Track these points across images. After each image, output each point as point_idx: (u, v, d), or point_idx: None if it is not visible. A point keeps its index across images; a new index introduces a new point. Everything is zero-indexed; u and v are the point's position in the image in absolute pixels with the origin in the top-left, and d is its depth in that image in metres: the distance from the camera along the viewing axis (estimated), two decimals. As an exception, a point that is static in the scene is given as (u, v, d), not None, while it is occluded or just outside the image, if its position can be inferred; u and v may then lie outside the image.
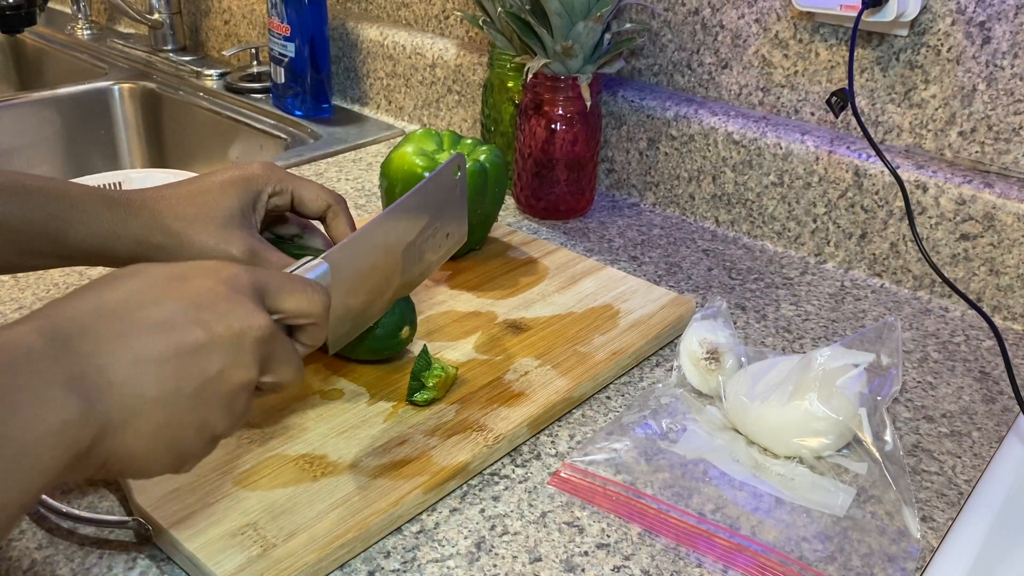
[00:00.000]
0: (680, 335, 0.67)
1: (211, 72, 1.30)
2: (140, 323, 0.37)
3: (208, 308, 0.39)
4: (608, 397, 0.64)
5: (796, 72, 0.86)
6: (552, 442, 0.59)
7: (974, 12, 0.75)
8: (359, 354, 0.62)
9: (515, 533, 0.52)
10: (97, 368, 0.35)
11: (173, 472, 0.40)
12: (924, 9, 0.77)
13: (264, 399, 0.45)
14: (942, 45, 0.77)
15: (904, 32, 0.79)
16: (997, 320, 0.77)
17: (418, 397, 0.59)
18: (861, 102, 0.83)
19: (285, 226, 0.63)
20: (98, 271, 0.76)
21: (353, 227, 0.62)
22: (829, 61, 0.84)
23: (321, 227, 0.63)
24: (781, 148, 0.85)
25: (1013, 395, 0.63)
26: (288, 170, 0.65)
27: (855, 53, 0.81)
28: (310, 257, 0.49)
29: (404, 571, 0.49)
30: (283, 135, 1.15)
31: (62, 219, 0.53)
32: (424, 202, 0.59)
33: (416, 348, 0.65)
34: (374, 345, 0.61)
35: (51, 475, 0.33)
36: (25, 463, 0.32)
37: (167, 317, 0.38)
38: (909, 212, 0.75)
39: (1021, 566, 0.52)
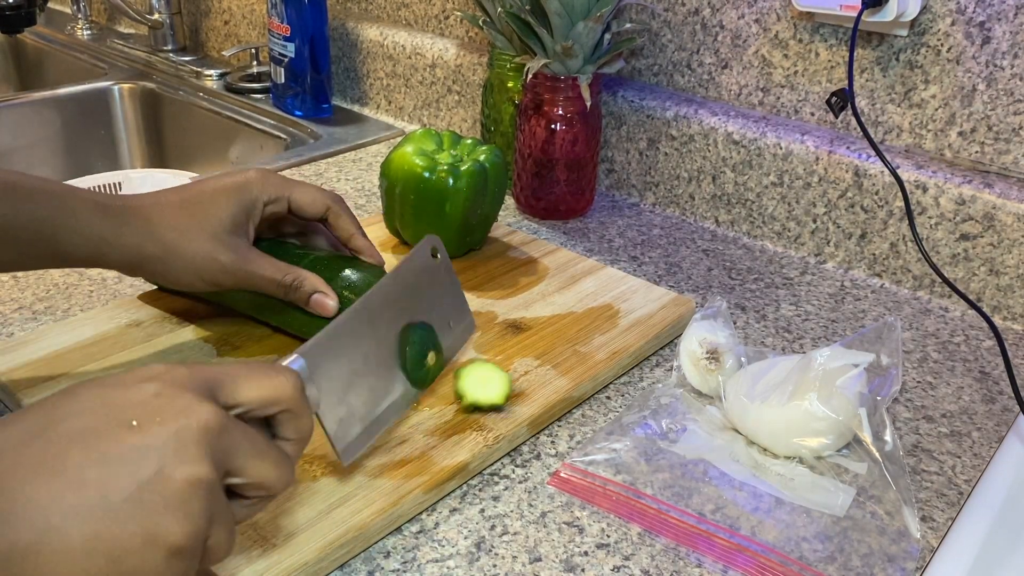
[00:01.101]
0: (680, 335, 0.67)
1: (211, 72, 1.30)
2: (57, 437, 0.33)
3: (139, 407, 0.35)
4: (608, 397, 0.64)
5: (796, 72, 0.86)
6: (552, 442, 0.59)
7: (974, 12, 0.75)
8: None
9: (515, 533, 0.52)
10: (7, 489, 0.32)
11: None
12: (924, 9, 0.77)
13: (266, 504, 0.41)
14: (942, 45, 0.77)
15: (904, 32, 0.79)
16: (997, 320, 0.77)
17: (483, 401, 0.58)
18: (861, 102, 0.83)
19: (287, 224, 0.64)
20: (97, 272, 0.76)
21: (357, 225, 0.62)
22: (829, 61, 0.84)
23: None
24: (781, 148, 0.85)
25: (1013, 395, 0.63)
26: (285, 173, 0.64)
27: (855, 53, 0.81)
28: (285, 357, 0.45)
29: (404, 571, 0.49)
30: (283, 135, 1.15)
31: (55, 224, 0.52)
32: (402, 284, 0.55)
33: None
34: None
35: None
36: None
37: (90, 425, 0.34)
38: (909, 212, 0.75)
39: (1021, 566, 0.52)
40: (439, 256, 0.59)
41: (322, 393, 0.46)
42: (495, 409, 0.59)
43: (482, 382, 0.58)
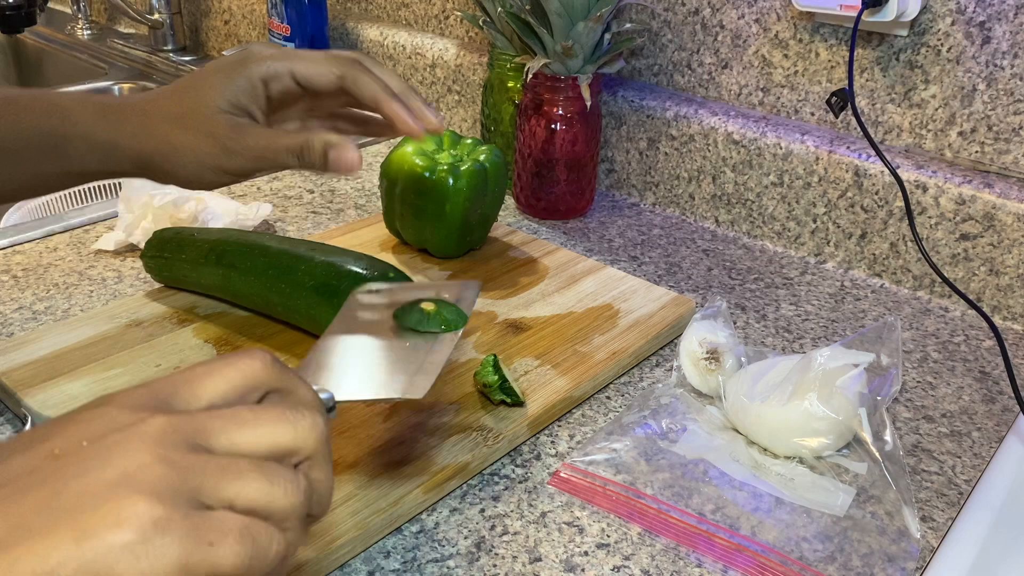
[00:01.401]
0: (680, 335, 0.67)
1: (211, 72, 1.30)
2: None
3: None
4: (608, 397, 0.64)
5: (796, 72, 0.86)
6: (552, 442, 0.59)
7: (974, 12, 0.75)
8: None
9: (515, 533, 0.52)
10: None
11: None
12: (924, 9, 0.77)
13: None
14: (942, 45, 0.77)
15: (904, 32, 0.79)
16: (997, 320, 0.77)
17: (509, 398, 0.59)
18: (861, 102, 0.83)
19: (299, 106, 0.57)
20: (98, 272, 0.76)
21: (383, 85, 0.53)
22: (829, 61, 0.84)
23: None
24: (781, 148, 0.85)
25: (1013, 395, 0.63)
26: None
27: (855, 53, 0.81)
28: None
29: (404, 571, 0.49)
30: (283, 135, 1.15)
31: (60, 134, 0.50)
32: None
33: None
34: None
35: None
36: None
37: (56, 566, 0.27)
38: (909, 212, 0.75)
39: (1021, 566, 0.52)
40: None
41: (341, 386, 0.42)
42: (517, 404, 0.59)
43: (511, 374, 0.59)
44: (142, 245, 0.73)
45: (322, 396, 0.39)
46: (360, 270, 0.62)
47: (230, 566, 0.29)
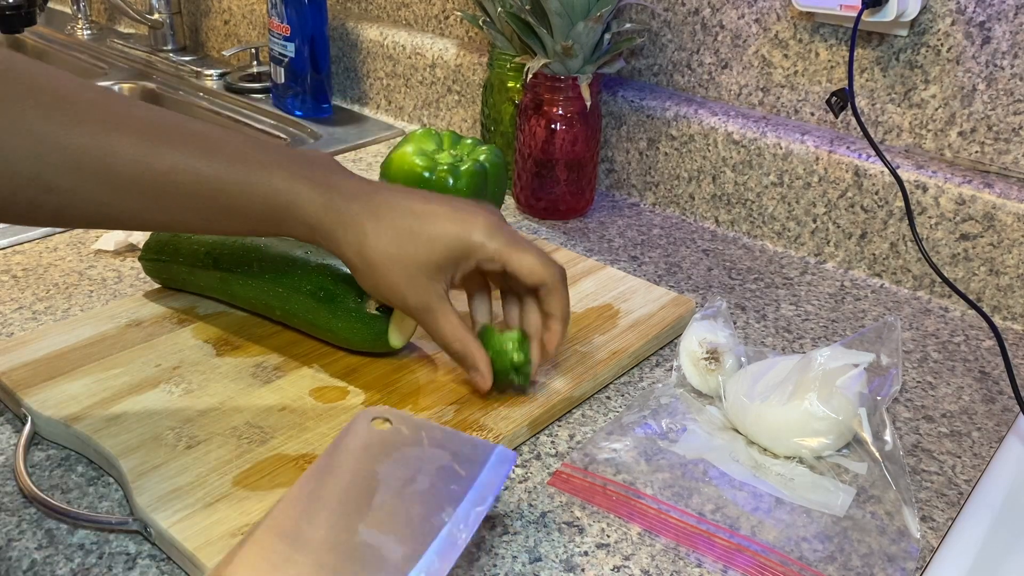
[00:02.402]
0: (680, 335, 0.67)
1: (211, 72, 1.30)
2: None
3: None
4: (608, 397, 0.64)
5: (796, 72, 0.86)
6: (552, 442, 0.59)
7: (974, 12, 0.75)
8: (358, 346, 0.62)
9: (515, 533, 0.52)
10: None
11: None
12: (924, 9, 0.77)
13: None
14: (942, 45, 0.77)
15: (904, 32, 0.79)
16: (997, 320, 0.77)
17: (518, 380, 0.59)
18: (861, 102, 0.83)
19: (495, 280, 0.61)
20: (98, 272, 0.76)
21: (564, 307, 0.58)
22: (829, 61, 0.84)
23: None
24: (781, 148, 0.85)
25: (1013, 395, 0.63)
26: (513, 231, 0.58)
27: (855, 53, 0.81)
28: None
29: (404, 571, 0.49)
30: (283, 135, 1.15)
31: (283, 205, 0.53)
32: (332, 479, 0.44)
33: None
34: (371, 341, 0.61)
35: None
36: None
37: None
38: (909, 212, 0.75)
39: (1021, 566, 0.52)
40: (390, 422, 0.48)
41: None
42: (522, 387, 0.59)
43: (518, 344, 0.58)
44: (141, 245, 0.73)
45: None
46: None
47: None
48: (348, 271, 0.62)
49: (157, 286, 0.71)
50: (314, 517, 0.41)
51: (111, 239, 0.78)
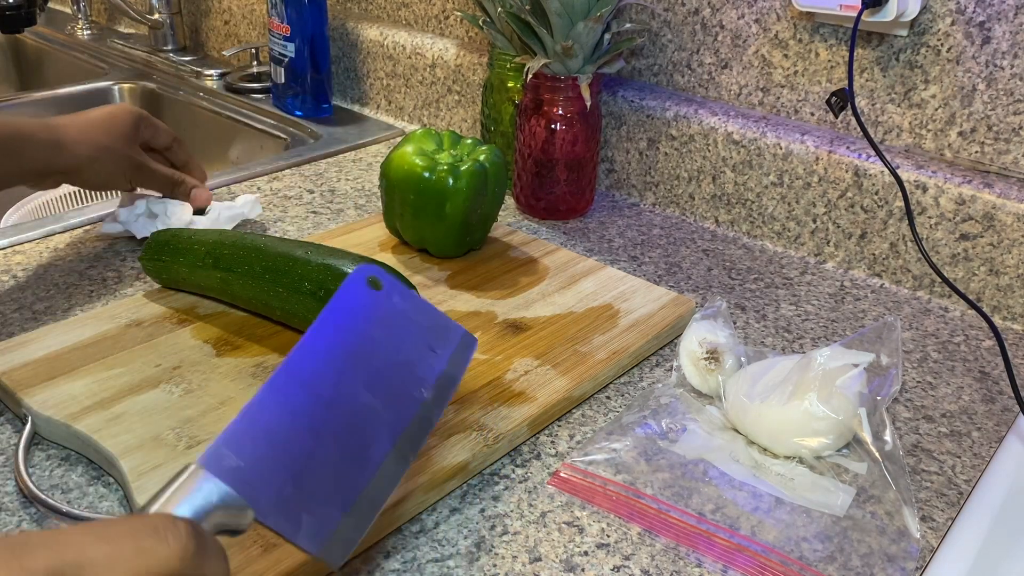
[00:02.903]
0: (680, 335, 0.67)
1: (211, 72, 1.30)
2: None
3: None
4: (608, 397, 0.64)
5: (796, 72, 0.86)
6: (552, 442, 0.59)
7: (974, 12, 0.75)
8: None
9: (515, 533, 0.52)
10: None
11: None
12: (924, 9, 0.77)
13: None
14: (942, 45, 0.77)
15: (904, 32, 0.79)
16: (997, 320, 0.77)
17: None
18: (861, 102, 0.83)
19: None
20: (98, 272, 0.76)
21: (187, 154, 0.85)
22: (829, 61, 0.84)
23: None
24: (781, 148, 0.85)
25: (1013, 395, 0.63)
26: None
27: (855, 53, 0.81)
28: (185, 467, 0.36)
29: (404, 571, 0.49)
30: (283, 135, 1.15)
31: (16, 138, 0.71)
32: (340, 337, 0.45)
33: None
34: None
35: None
36: None
37: None
38: (909, 212, 0.75)
39: (1021, 566, 0.52)
40: (383, 284, 0.48)
41: (259, 492, 0.37)
42: None
43: None
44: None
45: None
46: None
47: None
48: (349, 269, 0.62)
49: (157, 286, 0.71)
50: (325, 371, 0.43)
51: (115, 225, 0.80)
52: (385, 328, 0.47)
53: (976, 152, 0.78)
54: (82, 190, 1.08)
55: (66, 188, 1.06)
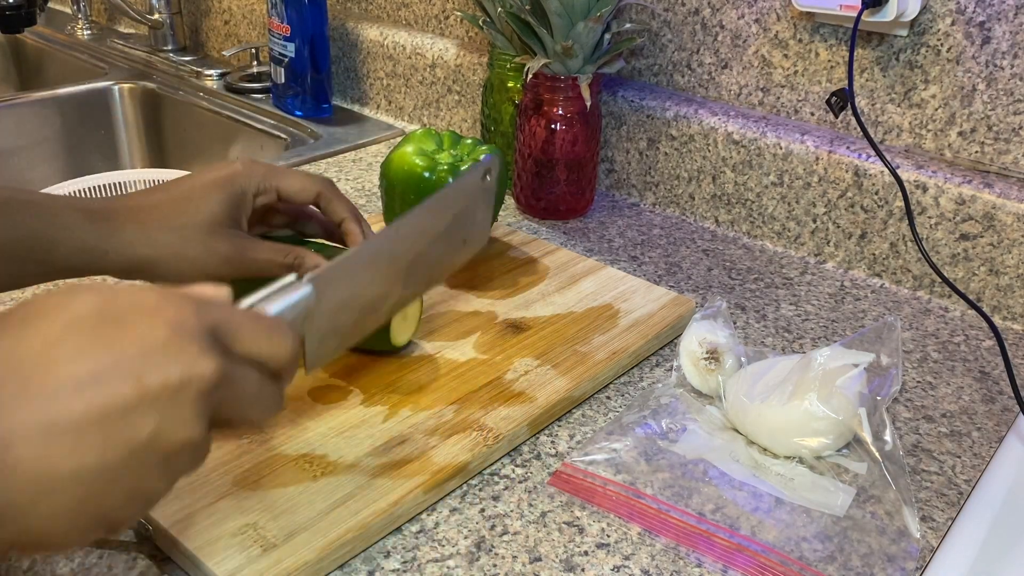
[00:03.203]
0: (680, 335, 0.67)
1: (211, 72, 1.30)
2: (56, 381, 0.31)
3: (143, 357, 0.32)
4: (608, 397, 0.64)
5: (796, 72, 0.86)
6: (552, 442, 0.59)
7: (974, 12, 0.75)
8: (358, 344, 0.62)
9: (515, 533, 0.52)
10: None
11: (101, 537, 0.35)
12: (924, 9, 0.77)
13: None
14: (942, 45, 0.77)
15: (904, 32, 0.79)
16: (997, 320, 0.77)
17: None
18: (861, 102, 0.83)
19: (277, 216, 0.63)
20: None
21: (350, 208, 0.61)
22: (829, 61, 0.84)
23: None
24: (781, 148, 0.85)
25: (1013, 395, 0.63)
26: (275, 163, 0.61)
27: (855, 53, 0.81)
28: (291, 280, 0.42)
29: (404, 571, 0.49)
30: (283, 135, 1.15)
31: (46, 237, 0.52)
32: (442, 212, 0.53)
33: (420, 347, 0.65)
34: (374, 340, 0.61)
35: None
36: None
37: (91, 371, 0.31)
38: (909, 212, 0.75)
39: (1021, 566, 0.52)
40: (488, 178, 0.56)
41: (315, 317, 0.43)
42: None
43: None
44: None
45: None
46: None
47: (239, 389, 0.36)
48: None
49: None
50: (399, 245, 0.50)
51: None
52: (462, 213, 0.55)
53: (976, 152, 0.78)
54: (81, 190, 1.07)
55: (70, 187, 1.06)
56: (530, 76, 0.83)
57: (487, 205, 0.58)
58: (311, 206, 0.62)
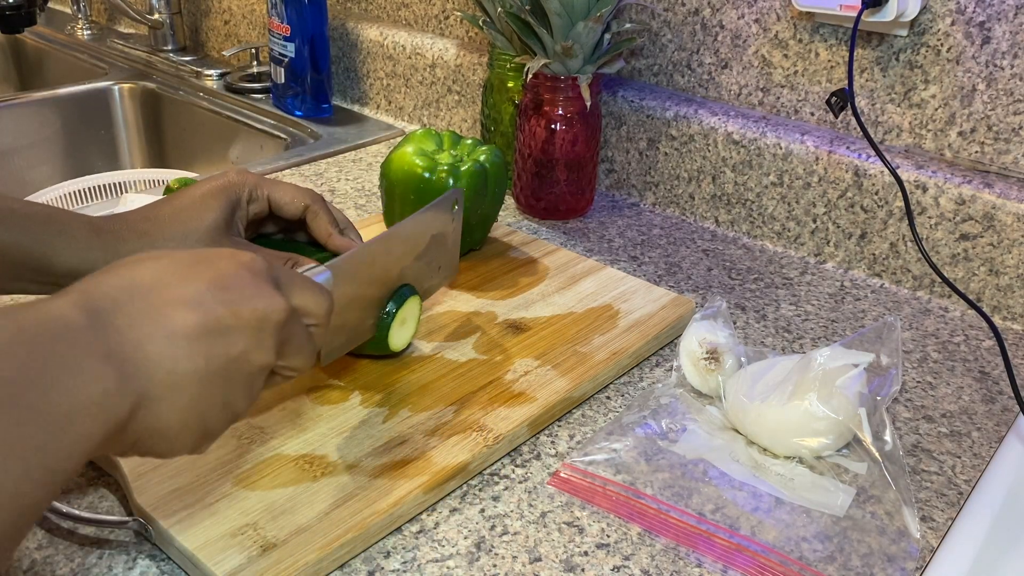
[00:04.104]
0: (680, 335, 0.67)
1: (211, 72, 1.30)
2: (171, 300, 0.38)
3: (233, 290, 0.40)
4: (608, 397, 0.64)
5: (796, 72, 0.86)
6: (552, 442, 0.59)
7: (974, 12, 0.75)
8: (360, 349, 0.62)
9: (515, 533, 0.52)
10: (133, 342, 0.36)
11: (192, 452, 0.41)
12: (924, 9, 0.77)
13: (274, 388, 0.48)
14: (942, 45, 0.77)
15: (904, 32, 0.79)
16: (997, 320, 0.77)
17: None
18: (861, 102, 0.83)
19: (270, 224, 0.64)
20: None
21: (334, 224, 0.62)
22: (829, 61, 0.84)
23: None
24: (781, 148, 0.85)
25: (1013, 395, 0.63)
26: (286, 172, 0.64)
27: (855, 53, 0.81)
28: (313, 264, 0.49)
29: (404, 571, 0.49)
30: (283, 135, 1.15)
31: (49, 246, 0.53)
32: (422, 229, 0.61)
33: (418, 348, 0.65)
34: (374, 344, 0.61)
35: (93, 444, 0.34)
36: (70, 431, 0.33)
37: (195, 296, 0.39)
38: (909, 212, 0.75)
39: (1021, 566, 0.52)
40: (456, 208, 0.64)
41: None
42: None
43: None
44: None
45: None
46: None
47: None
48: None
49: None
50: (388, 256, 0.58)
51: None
52: (437, 238, 0.63)
53: (976, 152, 0.78)
54: (81, 190, 1.07)
55: (70, 187, 1.06)
56: (530, 76, 0.83)
57: (456, 236, 0.65)
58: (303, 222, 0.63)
